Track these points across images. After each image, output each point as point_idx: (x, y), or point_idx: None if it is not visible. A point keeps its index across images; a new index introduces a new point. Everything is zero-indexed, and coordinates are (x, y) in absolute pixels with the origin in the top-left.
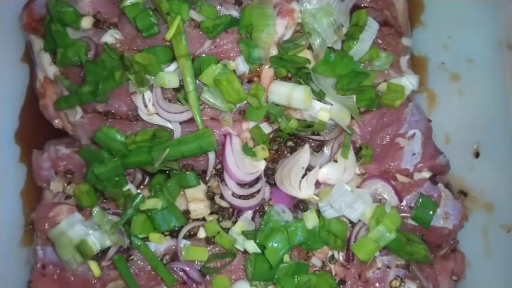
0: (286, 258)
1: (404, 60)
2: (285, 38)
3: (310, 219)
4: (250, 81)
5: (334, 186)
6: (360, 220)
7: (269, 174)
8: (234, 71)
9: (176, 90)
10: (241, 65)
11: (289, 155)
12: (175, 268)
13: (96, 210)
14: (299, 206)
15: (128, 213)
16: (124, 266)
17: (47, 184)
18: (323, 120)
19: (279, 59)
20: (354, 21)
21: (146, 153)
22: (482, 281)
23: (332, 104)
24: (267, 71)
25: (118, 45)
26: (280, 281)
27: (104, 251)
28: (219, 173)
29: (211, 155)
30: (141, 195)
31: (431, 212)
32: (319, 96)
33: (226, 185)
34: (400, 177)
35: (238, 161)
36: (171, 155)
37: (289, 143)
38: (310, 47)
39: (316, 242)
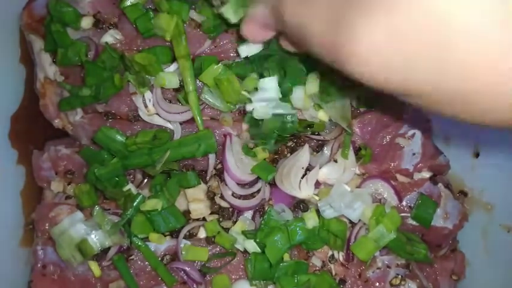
0: (286, 257)
1: None
2: None
3: (310, 219)
4: None
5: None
6: (360, 220)
7: None
8: None
9: (176, 90)
10: None
11: (289, 155)
12: (175, 268)
13: (96, 210)
14: (299, 206)
15: (128, 214)
16: (124, 266)
17: (47, 184)
18: (323, 120)
19: None
20: None
21: (147, 155)
22: (482, 281)
23: None
24: None
25: (118, 45)
26: (280, 281)
27: (104, 251)
28: (219, 173)
29: (212, 155)
30: (141, 196)
31: (431, 211)
32: None
33: (226, 185)
34: (400, 177)
35: (238, 161)
36: (172, 157)
37: (289, 143)
38: None
39: (316, 242)
